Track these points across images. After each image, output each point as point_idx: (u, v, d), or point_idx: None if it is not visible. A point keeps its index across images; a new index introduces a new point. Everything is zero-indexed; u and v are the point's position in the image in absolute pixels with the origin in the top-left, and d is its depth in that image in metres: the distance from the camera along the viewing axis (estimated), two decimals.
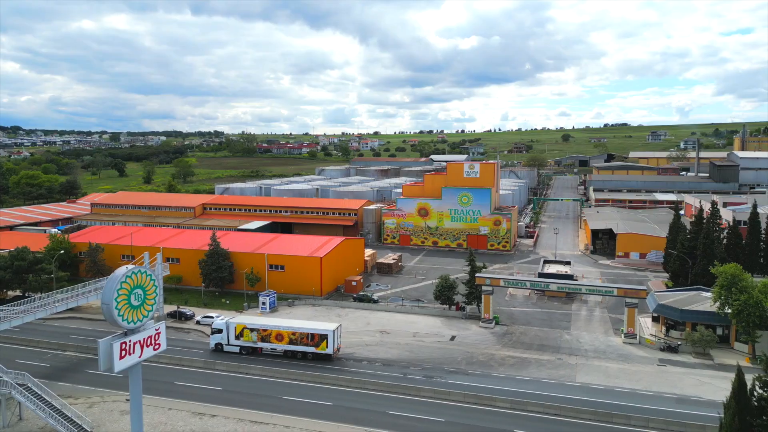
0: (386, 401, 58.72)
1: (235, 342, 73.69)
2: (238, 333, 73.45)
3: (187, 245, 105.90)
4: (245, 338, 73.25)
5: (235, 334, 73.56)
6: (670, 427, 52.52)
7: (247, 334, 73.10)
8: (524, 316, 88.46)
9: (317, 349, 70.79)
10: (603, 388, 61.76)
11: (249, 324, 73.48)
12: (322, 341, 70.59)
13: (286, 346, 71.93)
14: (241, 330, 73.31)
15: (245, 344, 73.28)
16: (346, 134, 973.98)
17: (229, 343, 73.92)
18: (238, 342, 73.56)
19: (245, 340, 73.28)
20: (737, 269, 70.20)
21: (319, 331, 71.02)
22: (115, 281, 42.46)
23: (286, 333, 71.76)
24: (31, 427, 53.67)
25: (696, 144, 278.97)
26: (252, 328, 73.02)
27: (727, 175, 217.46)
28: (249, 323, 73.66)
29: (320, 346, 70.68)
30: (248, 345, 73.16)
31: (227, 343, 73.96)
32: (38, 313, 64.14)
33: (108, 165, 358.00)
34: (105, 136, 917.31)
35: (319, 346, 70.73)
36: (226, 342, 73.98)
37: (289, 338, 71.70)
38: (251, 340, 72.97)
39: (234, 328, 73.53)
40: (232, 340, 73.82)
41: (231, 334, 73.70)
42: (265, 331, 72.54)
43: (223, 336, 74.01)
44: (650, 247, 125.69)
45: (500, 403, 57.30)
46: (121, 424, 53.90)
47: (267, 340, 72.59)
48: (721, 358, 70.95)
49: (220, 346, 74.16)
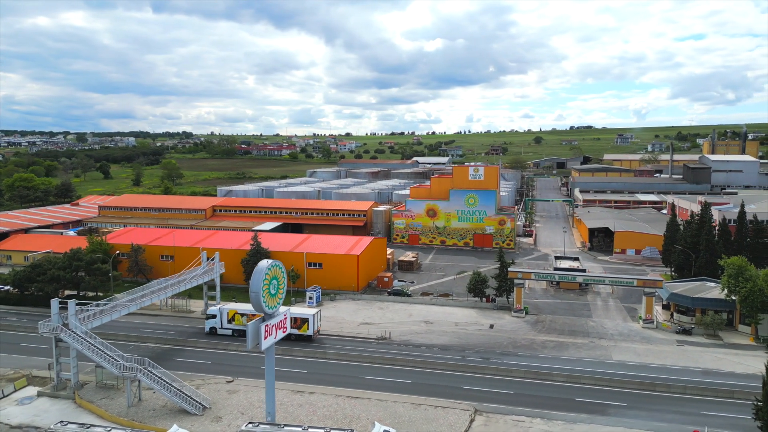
0: (457, 378, 67.00)
1: (227, 326, 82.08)
2: (230, 317, 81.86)
3: (225, 245, 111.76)
4: (236, 322, 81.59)
5: (228, 319, 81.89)
6: (704, 393, 62.42)
7: (238, 319, 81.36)
8: (548, 307, 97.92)
9: (300, 330, 79.37)
10: (638, 364, 71.40)
11: (240, 310, 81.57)
12: (304, 324, 79.32)
13: None
14: (233, 315, 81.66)
15: (237, 327, 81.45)
16: (319, 136, 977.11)
17: (222, 326, 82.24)
18: (230, 326, 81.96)
19: (237, 323, 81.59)
20: (743, 261, 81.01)
21: (301, 315, 79.85)
22: (261, 273, 49.64)
23: None
24: (153, 406, 59.96)
25: (670, 147, 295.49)
26: (242, 313, 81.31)
27: (700, 176, 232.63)
28: (240, 309, 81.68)
29: (302, 328, 79.36)
30: (239, 328, 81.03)
31: (221, 327, 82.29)
32: (145, 302, 71.41)
33: (92, 167, 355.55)
34: (70, 136, 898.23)
35: (302, 328, 79.38)
36: (219, 326, 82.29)
37: None
38: (242, 323, 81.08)
39: (226, 314, 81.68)
40: (225, 324, 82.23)
41: (224, 318, 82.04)
42: (254, 316, 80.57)
43: (217, 321, 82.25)
44: (645, 243, 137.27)
45: (558, 377, 66.33)
46: (233, 401, 60.76)
47: None
48: (729, 338, 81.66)
49: (215, 329, 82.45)
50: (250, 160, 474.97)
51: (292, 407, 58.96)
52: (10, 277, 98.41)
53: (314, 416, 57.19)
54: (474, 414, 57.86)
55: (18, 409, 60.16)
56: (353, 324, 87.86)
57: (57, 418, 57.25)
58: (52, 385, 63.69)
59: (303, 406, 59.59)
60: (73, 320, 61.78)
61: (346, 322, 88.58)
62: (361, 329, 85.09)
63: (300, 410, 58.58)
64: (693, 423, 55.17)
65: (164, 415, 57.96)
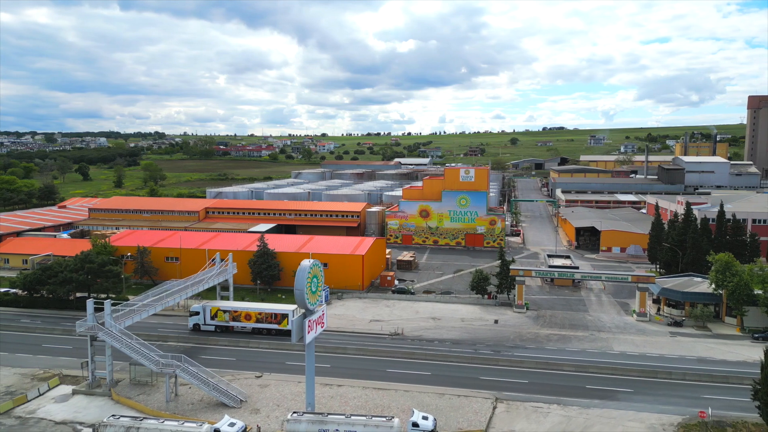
0: (473, 370, 71.22)
1: (210, 322, 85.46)
2: (213, 314, 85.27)
3: (230, 247, 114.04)
4: (219, 318, 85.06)
5: (210, 315, 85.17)
6: (702, 379, 67.88)
7: (221, 315, 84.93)
8: (546, 303, 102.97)
9: (279, 326, 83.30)
10: (637, 354, 76.68)
11: (222, 306, 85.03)
12: (284, 319, 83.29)
13: (254, 324, 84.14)
14: (215, 312, 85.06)
15: (219, 324, 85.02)
16: (295, 136, 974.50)
17: (205, 323, 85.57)
18: (213, 322, 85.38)
19: (219, 320, 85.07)
20: (730, 257, 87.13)
21: (280, 311, 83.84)
22: (304, 272, 53.07)
23: (253, 313, 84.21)
24: (191, 400, 62.70)
25: (645, 149, 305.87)
26: (225, 310, 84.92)
27: (674, 177, 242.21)
28: (222, 306, 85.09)
29: (282, 323, 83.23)
30: (222, 324, 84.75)
31: (204, 323, 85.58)
32: (169, 302, 73.94)
33: (69, 169, 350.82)
34: (38, 137, 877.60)
35: (281, 323, 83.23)
36: (202, 322, 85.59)
37: (256, 317, 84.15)
38: (224, 320, 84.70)
39: (209, 310, 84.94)
40: (208, 321, 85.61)
41: (207, 315, 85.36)
42: (236, 312, 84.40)
43: (200, 317, 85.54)
44: (630, 242, 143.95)
45: (567, 367, 71.10)
46: (266, 394, 63.87)
47: (238, 320, 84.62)
48: (716, 329, 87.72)
49: (198, 326, 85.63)
50: (230, 161, 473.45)
51: (324, 399, 62.34)
52: (19, 280, 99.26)
53: (347, 407, 60.70)
54: (495, 402, 62.11)
55: (57, 406, 62.23)
56: (364, 321, 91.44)
57: (97, 415, 59.70)
58: (86, 383, 65.84)
59: (334, 397, 63.05)
60: (109, 320, 64.05)
61: (357, 320, 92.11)
62: (373, 326, 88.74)
63: (332, 401, 62.02)
64: (695, 406, 60.26)
65: (203, 409, 60.80)
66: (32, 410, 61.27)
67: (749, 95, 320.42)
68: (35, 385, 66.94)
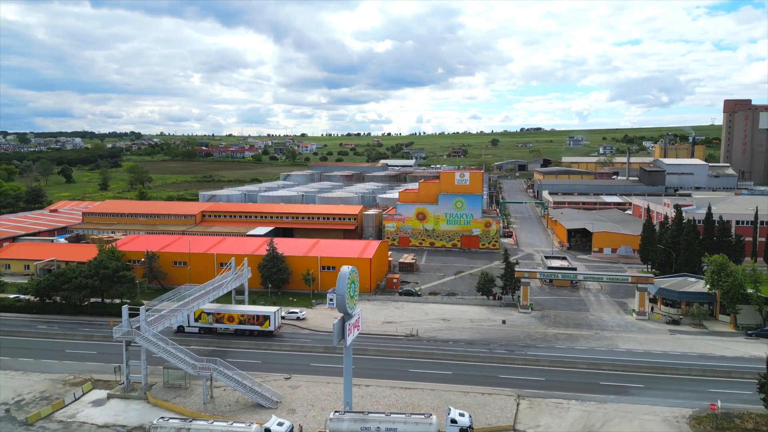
0: (491, 369, 74.74)
1: (194, 324, 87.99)
2: (197, 316, 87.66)
3: (239, 251, 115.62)
4: (203, 320, 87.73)
5: (195, 317, 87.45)
6: (706, 374, 72.48)
7: (205, 317, 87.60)
8: (547, 303, 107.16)
9: (261, 327, 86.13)
10: (643, 351, 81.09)
11: (206, 309, 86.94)
12: (265, 321, 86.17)
13: (237, 326, 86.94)
14: (199, 314, 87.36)
15: (203, 325, 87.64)
16: (274, 136, 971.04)
17: (189, 324, 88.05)
18: (197, 324, 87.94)
19: (203, 322, 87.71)
20: (724, 259, 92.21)
21: (262, 313, 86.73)
22: (345, 278, 55.99)
23: (236, 315, 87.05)
24: (227, 402, 64.95)
25: (627, 151, 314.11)
26: (208, 312, 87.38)
27: (655, 179, 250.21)
28: (206, 308, 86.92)
29: (264, 325, 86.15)
30: (205, 326, 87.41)
31: (188, 325, 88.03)
32: (194, 307, 76.37)
33: (51, 171, 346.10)
34: (9, 137, 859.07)
35: (263, 325, 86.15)
36: (187, 324, 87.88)
37: (239, 319, 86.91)
38: (208, 321, 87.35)
39: (193, 313, 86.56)
40: (192, 322, 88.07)
41: (191, 317, 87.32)
42: (219, 314, 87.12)
43: (184, 319, 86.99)
44: (620, 243, 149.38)
45: (581, 365, 75.13)
46: (299, 395, 66.45)
47: (221, 321, 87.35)
48: (712, 327, 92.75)
49: (182, 327, 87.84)
50: (213, 163, 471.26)
51: (356, 398, 65.05)
52: (31, 286, 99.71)
53: (378, 405, 63.64)
54: (518, 398, 65.67)
55: (96, 410, 63.90)
56: (377, 323, 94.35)
57: (136, 418, 61.69)
58: (121, 387, 67.56)
59: (365, 397, 65.93)
60: (144, 325, 65.92)
61: (370, 321, 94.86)
62: (387, 327, 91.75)
63: (364, 401, 64.89)
64: (705, 399, 64.59)
65: (240, 410, 63.16)
66: (72, 414, 62.83)
67: (725, 99, 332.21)
68: (68, 390, 68.41)
